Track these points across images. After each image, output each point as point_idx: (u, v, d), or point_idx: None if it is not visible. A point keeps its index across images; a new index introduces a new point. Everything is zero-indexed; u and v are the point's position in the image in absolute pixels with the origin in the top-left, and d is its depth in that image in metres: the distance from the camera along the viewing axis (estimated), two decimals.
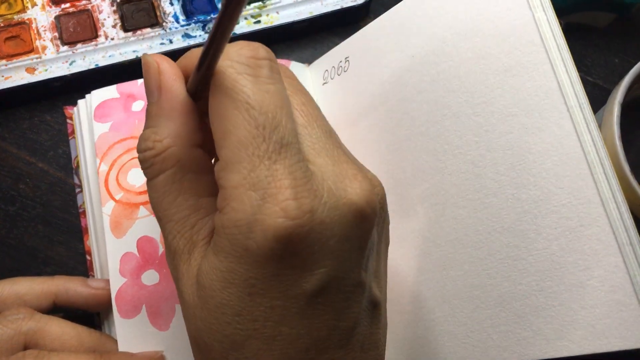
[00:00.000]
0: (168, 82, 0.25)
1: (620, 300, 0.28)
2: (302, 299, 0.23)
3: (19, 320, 0.33)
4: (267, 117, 0.23)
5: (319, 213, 0.23)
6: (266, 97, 0.23)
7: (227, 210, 0.23)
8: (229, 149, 0.23)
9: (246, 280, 0.23)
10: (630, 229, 0.29)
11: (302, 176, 0.23)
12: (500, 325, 0.31)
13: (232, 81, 0.23)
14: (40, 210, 0.41)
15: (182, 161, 0.25)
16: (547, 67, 0.30)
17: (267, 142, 0.23)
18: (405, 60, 0.36)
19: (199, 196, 0.26)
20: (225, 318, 0.24)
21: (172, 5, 0.45)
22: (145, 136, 0.26)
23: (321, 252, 0.23)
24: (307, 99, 0.27)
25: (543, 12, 0.31)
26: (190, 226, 0.25)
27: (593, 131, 0.29)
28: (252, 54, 0.24)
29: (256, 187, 0.22)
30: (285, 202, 0.22)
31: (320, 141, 0.25)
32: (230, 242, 0.23)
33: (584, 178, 0.29)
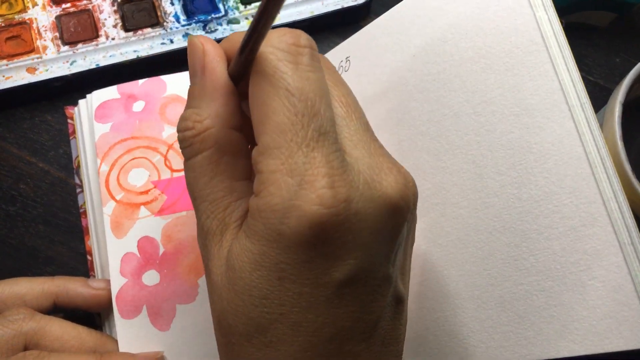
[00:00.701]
0: (212, 64, 0.26)
1: (622, 300, 0.28)
2: (331, 287, 0.23)
3: (20, 320, 0.33)
4: (306, 105, 0.23)
5: (354, 203, 0.23)
6: (306, 84, 0.23)
7: (264, 194, 0.23)
8: (268, 135, 0.23)
9: (277, 265, 0.23)
10: (631, 228, 0.28)
11: (339, 165, 0.23)
12: (501, 325, 0.31)
13: (273, 67, 0.23)
14: (40, 211, 0.41)
15: (220, 143, 0.25)
16: (548, 66, 0.30)
17: (305, 130, 0.23)
18: (406, 60, 0.36)
19: (234, 179, 0.26)
20: (253, 300, 0.24)
21: (172, 5, 0.45)
22: (186, 116, 0.26)
23: (353, 242, 0.23)
24: (347, 90, 0.27)
25: (544, 11, 0.31)
26: (223, 207, 0.26)
27: (594, 131, 0.29)
28: (294, 41, 0.24)
29: (293, 173, 0.23)
30: (321, 190, 0.22)
31: (358, 133, 0.25)
32: (264, 226, 0.23)
33: (585, 178, 0.29)
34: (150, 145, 0.39)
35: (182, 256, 0.36)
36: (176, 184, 0.38)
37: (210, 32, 0.45)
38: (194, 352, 0.35)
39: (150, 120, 0.39)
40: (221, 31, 0.45)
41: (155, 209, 0.37)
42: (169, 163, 0.38)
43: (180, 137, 0.26)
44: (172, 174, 0.38)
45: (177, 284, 0.36)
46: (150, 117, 0.39)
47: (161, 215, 0.37)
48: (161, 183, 0.38)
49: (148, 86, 0.40)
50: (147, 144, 0.39)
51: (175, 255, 0.36)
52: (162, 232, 0.37)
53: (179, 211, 0.37)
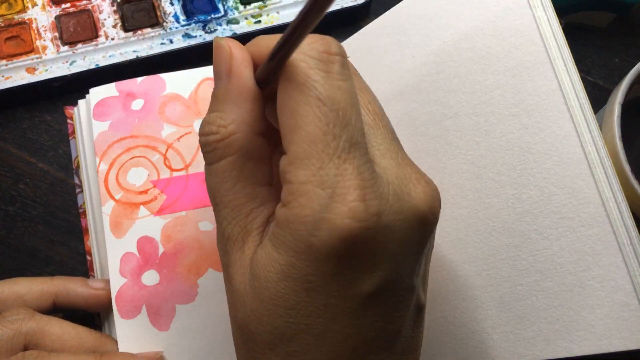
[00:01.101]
0: (239, 68, 0.25)
1: (621, 301, 0.28)
2: (357, 299, 0.23)
3: (19, 320, 0.33)
4: (337, 115, 0.23)
5: (385, 216, 0.23)
6: (337, 93, 0.23)
7: (294, 205, 0.23)
8: (298, 144, 0.23)
9: (305, 276, 0.23)
10: (630, 229, 0.28)
11: (370, 177, 0.23)
12: (500, 325, 0.31)
13: (304, 75, 0.23)
14: (40, 211, 0.41)
15: (245, 149, 0.25)
16: (547, 66, 0.30)
17: (337, 140, 0.23)
18: (406, 60, 0.36)
19: (256, 185, 0.26)
20: (278, 310, 0.24)
21: (172, 5, 0.45)
22: (210, 120, 0.25)
23: (382, 255, 0.23)
24: (373, 97, 0.26)
25: (543, 12, 0.31)
26: (245, 214, 0.25)
27: (594, 131, 0.29)
28: (325, 48, 0.24)
29: (325, 185, 0.22)
30: (353, 203, 0.22)
31: (386, 142, 0.25)
32: (293, 237, 0.23)
33: (584, 178, 0.29)
34: (149, 145, 0.39)
35: (182, 256, 0.36)
36: (176, 183, 0.38)
37: (210, 32, 0.45)
38: (193, 352, 0.35)
39: (149, 119, 0.39)
40: (220, 31, 0.45)
41: (155, 209, 0.37)
42: (169, 162, 0.38)
43: (203, 141, 0.26)
44: (172, 173, 0.38)
45: (176, 284, 0.36)
46: (150, 115, 0.39)
47: (161, 215, 0.37)
48: (160, 182, 0.38)
49: (147, 84, 0.40)
50: (147, 143, 0.39)
51: (175, 255, 0.36)
52: (162, 232, 0.37)
53: (179, 211, 0.37)
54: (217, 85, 0.26)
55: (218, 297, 0.36)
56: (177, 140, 0.39)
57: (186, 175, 0.38)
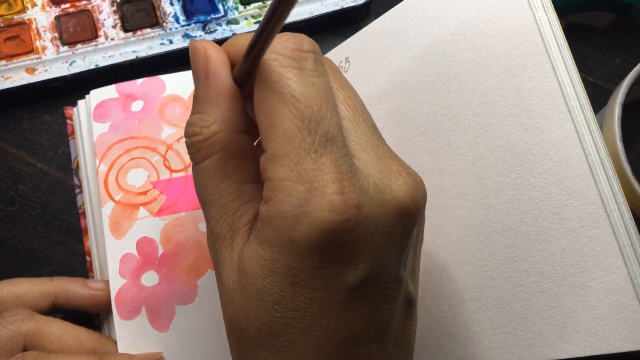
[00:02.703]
0: (215, 68, 0.26)
1: (621, 302, 0.28)
2: (343, 292, 0.24)
3: (19, 321, 0.33)
4: (312, 111, 0.23)
5: (365, 208, 0.23)
6: (311, 90, 0.23)
7: (274, 202, 0.23)
8: (276, 142, 0.23)
9: (289, 270, 0.23)
10: (631, 230, 0.28)
11: (348, 170, 0.23)
12: (500, 326, 0.31)
13: (278, 74, 0.23)
14: (39, 211, 0.41)
15: (228, 147, 0.25)
16: (547, 67, 0.30)
17: (312, 136, 0.23)
18: (406, 61, 0.36)
19: (242, 182, 0.26)
20: (265, 305, 0.24)
21: (172, 6, 0.45)
22: (192, 121, 0.26)
23: (365, 247, 0.23)
24: (352, 92, 0.27)
25: (544, 12, 0.31)
26: (232, 212, 0.26)
27: (594, 132, 0.29)
28: (297, 46, 0.24)
29: (303, 180, 0.23)
30: (331, 196, 0.22)
31: (366, 136, 0.25)
32: (275, 233, 0.23)
33: (584, 179, 0.29)
34: (149, 146, 0.39)
35: (181, 257, 0.36)
36: (175, 184, 0.38)
37: (210, 32, 0.44)
38: (193, 352, 0.35)
39: (149, 120, 0.39)
40: (220, 32, 0.45)
41: (154, 210, 0.37)
42: (168, 163, 0.38)
43: (188, 142, 0.26)
44: (171, 174, 0.38)
45: (176, 285, 0.36)
46: (149, 117, 0.39)
47: (160, 215, 0.37)
48: (160, 183, 0.38)
49: (147, 86, 0.40)
50: (146, 144, 0.39)
51: (175, 256, 0.36)
52: (161, 232, 0.37)
53: (178, 212, 0.37)
54: (197, 86, 0.26)
55: (217, 297, 0.36)
56: (176, 142, 0.39)
57: (186, 176, 0.38)
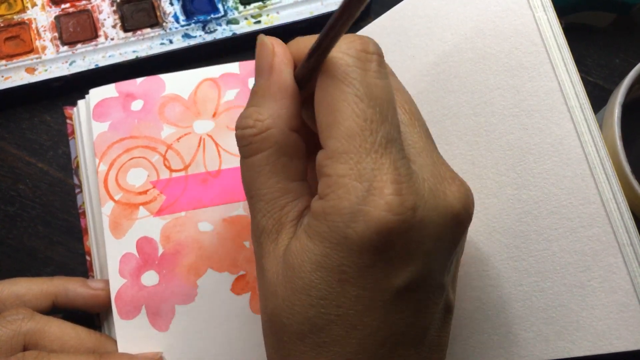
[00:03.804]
0: (280, 65, 0.26)
1: (621, 301, 0.28)
2: (389, 292, 0.24)
3: (19, 321, 0.33)
4: (375, 111, 0.23)
5: (420, 211, 0.23)
6: (375, 91, 0.24)
7: (332, 197, 0.23)
8: (337, 139, 0.23)
9: (339, 267, 0.23)
10: (630, 229, 0.28)
11: (406, 173, 0.23)
12: (500, 326, 0.31)
13: (343, 73, 0.24)
14: (39, 211, 0.41)
15: (280, 144, 0.26)
16: (547, 67, 0.30)
17: (374, 136, 0.23)
18: (406, 61, 0.36)
19: (290, 179, 0.26)
20: (310, 300, 0.24)
21: (172, 6, 0.45)
22: (247, 114, 0.26)
23: (416, 250, 0.24)
24: (409, 97, 0.27)
25: (544, 12, 0.31)
26: (280, 207, 0.26)
27: (594, 131, 0.29)
28: (363, 47, 0.24)
29: (362, 178, 0.23)
30: (389, 196, 0.23)
31: (422, 140, 0.26)
32: (329, 228, 0.23)
33: (584, 178, 0.29)
34: (149, 145, 0.39)
35: (181, 257, 0.36)
36: (175, 184, 0.38)
37: (210, 32, 0.44)
38: (193, 352, 0.35)
39: (148, 119, 0.39)
40: (220, 31, 0.45)
41: (154, 209, 0.37)
42: (168, 163, 0.38)
43: (239, 134, 0.26)
44: (171, 174, 0.38)
45: (176, 285, 0.36)
46: (149, 116, 0.39)
47: (160, 215, 0.37)
48: (160, 183, 0.38)
49: (147, 85, 0.40)
50: (146, 144, 0.39)
51: (175, 255, 0.36)
52: (161, 232, 0.37)
53: (178, 211, 0.37)
54: (258, 81, 0.27)
55: (217, 297, 0.36)
56: (176, 141, 0.39)
57: (185, 175, 0.38)
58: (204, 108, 0.40)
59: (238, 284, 0.36)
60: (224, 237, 0.37)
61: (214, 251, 0.37)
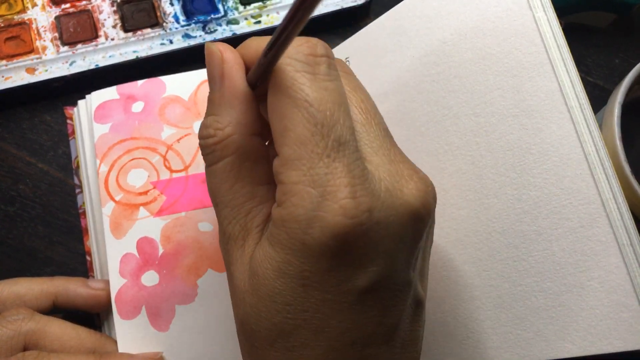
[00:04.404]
0: (231, 71, 0.26)
1: (621, 301, 0.28)
2: (353, 294, 0.24)
3: (19, 321, 0.33)
4: (325, 115, 0.23)
5: (376, 212, 0.23)
6: (324, 94, 0.24)
7: (287, 205, 0.23)
8: (288, 146, 0.24)
9: (300, 272, 0.24)
10: (630, 229, 0.28)
11: (360, 175, 0.23)
12: (500, 326, 0.31)
13: (291, 79, 0.24)
14: (40, 211, 0.41)
15: (241, 149, 0.26)
16: (547, 67, 0.30)
17: (325, 140, 0.23)
18: (406, 61, 0.36)
19: (255, 184, 0.26)
20: (276, 306, 0.24)
21: (172, 6, 0.45)
22: (207, 123, 0.26)
23: (375, 250, 0.24)
24: (365, 95, 0.27)
25: (543, 12, 0.31)
26: (245, 213, 0.26)
27: (593, 132, 0.29)
28: (310, 51, 0.24)
29: (315, 184, 0.23)
30: (344, 200, 0.23)
31: (378, 139, 0.25)
32: (288, 235, 0.23)
33: (584, 179, 0.29)
34: (149, 146, 0.39)
35: (181, 257, 0.36)
36: (175, 184, 0.38)
37: (210, 32, 0.44)
38: (193, 352, 0.35)
39: (149, 121, 0.39)
40: (220, 32, 0.45)
41: (155, 210, 0.37)
42: (168, 164, 0.38)
43: (202, 144, 0.26)
44: (172, 174, 0.38)
45: (176, 285, 0.36)
46: (150, 117, 0.39)
47: (160, 215, 0.37)
48: (160, 183, 0.38)
49: (147, 87, 0.40)
50: (147, 145, 0.39)
51: (175, 256, 0.36)
52: (161, 232, 0.37)
53: (178, 212, 0.37)
54: (212, 89, 0.27)
55: (217, 297, 0.36)
56: (177, 142, 0.39)
57: (186, 176, 0.38)
58: (204, 109, 0.40)
59: None
60: None
61: (214, 251, 0.37)
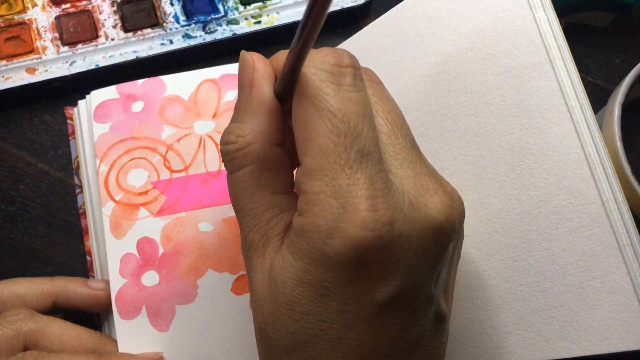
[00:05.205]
0: (260, 80, 0.26)
1: (621, 301, 0.28)
2: (372, 307, 0.24)
3: (19, 321, 0.33)
4: (348, 126, 0.23)
5: (398, 226, 0.23)
6: (348, 105, 0.24)
7: (308, 215, 0.24)
8: (311, 157, 0.24)
9: (319, 282, 0.24)
10: (630, 229, 0.28)
11: (383, 187, 0.23)
12: (500, 326, 0.31)
13: (316, 89, 0.24)
14: (40, 211, 0.41)
15: (262, 159, 0.26)
16: (547, 67, 0.30)
17: (348, 151, 0.23)
18: (405, 61, 0.36)
19: (276, 193, 0.26)
20: (294, 315, 0.24)
21: (172, 6, 0.45)
22: (229, 130, 0.26)
23: (396, 264, 0.23)
24: (392, 105, 0.27)
25: (543, 12, 0.31)
26: (266, 222, 0.26)
27: (594, 132, 0.29)
28: (336, 61, 0.24)
29: (337, 195, 0.23)
30: (364, 212, 0.22)
31: (403, 151, 0.25)
32: (308, 245, 0.23)
33: (584, 179, 0.29)
34: (149, 146, 0.39)
35: (182, 257, 0.36)
36: (175, 184, 0.38)
37: (210, 32, 0.44)
38: (193, 352, 0.35)
39: (149, 120, 0.39)
40: (221, 32, 0.45)
41: (155, 210, 0.37)
42: (168, 163, 0.38)
43: (223, 150, 0.26)
44: (172, 174, 0.38)
45: (176, 285, 0.36)
46: (150, 117, 0.39)
47: (160, 215, 0.37)
48: (160, 183, 0.38)
49: (147, 86, 0.40)
50: (147, 145, 0.39)
51: (175, 256, 0.36)
52: (162, 232, 0.37)
53: (178, 212, 0.37)
54: (240, 96, 0.27)
55: (218, 297, 0.36)
56: (177, 142, 0.39)
57: (186, 176, 0.38)
58: (204, 109, 0.40)
59: (238, 284, 0.36)
60: (224, 238, 0.37)
61: (214, 251, 0.37)
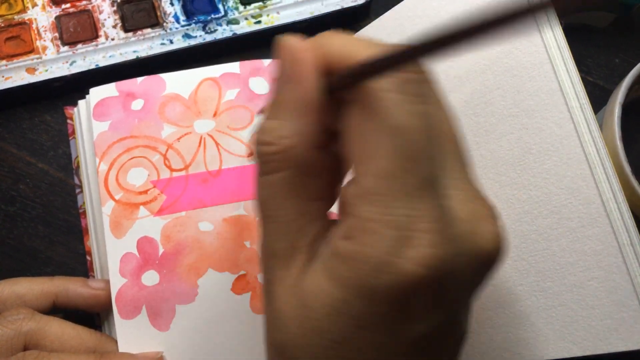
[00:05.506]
0: (308, 75, 0.22)
1: (621, 301, 0.28)
2: (409, 340, 0.22)
3: (19, 320, 0.33)
4: (417, 148, 0.21)
5: (451, 263, 0.21)
6: (415, 123, 0.21)
7: (358, 243, 0.21)
8: (369, 178, 0.21)
9: (359, 314, 0.22)
10: (631, 229, 0.28)
11: (444, 218, 0.21)
12: (500, 326, 0.31)
13: (379, 99, 0.21)
14: (40, 211, 0.41)
15: (302, 163, 0.23)
16: (547, 67, 0.30)
17: (413, 178, 0.21)
18: None
19: (309, 200, 0.24)
20: (322, 342, 0.22)
21: (172, 6, 0.45)
22: (268, 127, 0.23)
23: (443, 300, 0.22)
24: (454, 121, 0.24)
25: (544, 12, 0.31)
26: (294, 230, 0.24)
27: (594, 132, 0.29)
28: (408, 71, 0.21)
29: (394, 225, 0.20)
30: (423, 248, 0.20)
31: (461, 174, 0.23)
32: (354, 275, 0.21)
33: (584, 178, 0.29)
34: (149, 145, 0.39)
35: (182, 256, 0.36)
36: (175, 183, 0.38)
37: (210, 32, 0.44)
38: (193, 352, 0.35)
39: (149, 119, 0.39)
40: (221, 32, 0.45)
41: (155, 209, 0.37)
42: (169, 162, 0.38)
43: (259, 150, 0.23)
44: (172, 173, 0.38)
45: (176, 284, 0.36)
46: (149, 116, 0.39)
47: (160, 215, 0.37)
48: (160, 183, 0.38)
49: (147, 84, 0.40)
50: (147, 143, 0.39)
51: (175, 255, 0.36)
52: (162, 232, 0.37)
53: (179, 211, 0.37)
54: (281, 90, 0.23)
55: (218, 297, 0.36)
56: (177, 141, 0.39)
57: (186, 175, 0.38)
58: (204, 107, 0.40)
59: (238, 284, 0.36)
60: (224, 237, 0.37)
61: (215, 251, 0.37)
